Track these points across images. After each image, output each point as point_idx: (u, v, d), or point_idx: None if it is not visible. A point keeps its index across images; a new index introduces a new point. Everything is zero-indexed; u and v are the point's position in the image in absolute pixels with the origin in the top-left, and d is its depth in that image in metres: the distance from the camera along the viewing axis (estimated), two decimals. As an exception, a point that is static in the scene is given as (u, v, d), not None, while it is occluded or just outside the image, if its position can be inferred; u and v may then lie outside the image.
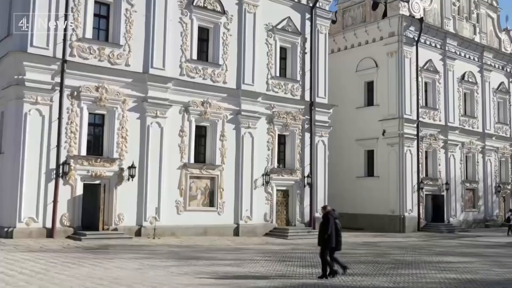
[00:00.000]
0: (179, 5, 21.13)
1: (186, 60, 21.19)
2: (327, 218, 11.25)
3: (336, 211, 11.85)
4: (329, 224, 11.08)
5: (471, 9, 34.92)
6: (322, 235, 11.13)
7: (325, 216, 11.36)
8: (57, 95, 17.92)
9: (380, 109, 29.85)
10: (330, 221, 11.17)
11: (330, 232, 11.01)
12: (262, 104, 23.11)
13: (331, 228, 11.06)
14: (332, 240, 11.07)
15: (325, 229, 11.08)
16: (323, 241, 11.10)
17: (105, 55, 19.13)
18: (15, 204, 16.94)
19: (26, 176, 17.12)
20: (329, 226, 11.05)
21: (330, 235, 11.03)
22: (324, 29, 25.74)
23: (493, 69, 35.66)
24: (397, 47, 29.37)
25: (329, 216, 11.28)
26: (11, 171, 17.21)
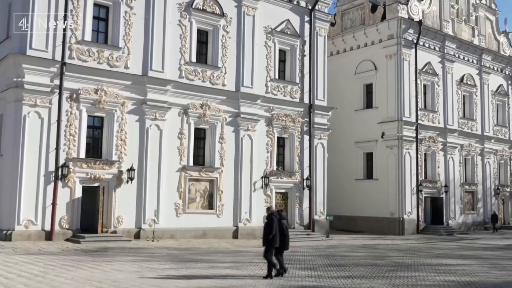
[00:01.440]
0: (178, 7, 21.15)
1: (185, 62, 21.20)
2: (271, 219, 11.56)
3: (284, 212, 12.23)
4: (273, 225, 11.40)
5: (470, 12, 35.00)
6: (266, 235, 11.45)
7: (269, 217, 11.68)
8: (56, 97, 17.93)
9: (379, 112, 29.87)
10: (274, 222, 11.48)
11: (274, 233, 11.32)
12: (261, 106, 23.12)
13: (275, 229, 11.38)
14: (276, 240, 11.37)
15: (270, 230, 11.40)
16: (267, 241, 11.41)
17: (104, 57, 19.15)
18: (14, 207, 16.93)
19: (25, 178, 17.11)
20: (273, 227, 11.36)
21: (274, 236, 11.34)
22: (323, 31, 25.77)
23: (492, 72, 35.72)
24: (396, 49, 29.42)
25: (273, 217, 11.58)
26: (10, 173, 17.20)
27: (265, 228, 11.60)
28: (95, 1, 19.26)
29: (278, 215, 11.74)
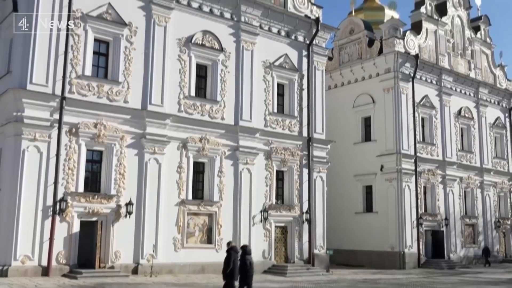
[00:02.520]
0: (178, 42, 21.41)
1: (184, 96, 21.33)
2: (229, 254, 12.16)
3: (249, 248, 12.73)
4: (230, 259, 11.99)
5: (466, 46, 35.46)
6: (224, 270, 12.04)
7: (228, 252, 12.24)
8: (55, 131, 17.95)
9: (377, 145, 29.93)
10: (232, 256, 12.09)
11: (231, 267, 11.90)
12: (260, 140, 23.16)
13: (233, 263, 11.96)
14: (234, 275, 11.95)
15: (227, 264, 11.98)
16: (225, 276, 12.01)
17: (104, 92, 19.27)
18: (11, 242, 16.74)
19: (23, 213, 16.98)
20: (230, 262, 11.94)
21: (232, 270, 11.91)
22: (321, 65, 26.03)
23: (489, 104, 35.96)
24: (393, 83, 29.68)
25: (231, 252, 12.18)
26: (8, 208, 17.07)
27: (224, 263, 12.13)
28: (96, 37, 19.50)
29: (241, 250, 12.15)
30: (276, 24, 24.56)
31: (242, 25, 23.23)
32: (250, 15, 23.46)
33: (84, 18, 19.03)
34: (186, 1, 21.77)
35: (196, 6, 22.08)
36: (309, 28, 25.53)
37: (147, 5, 20.65)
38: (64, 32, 18.48)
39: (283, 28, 24.81)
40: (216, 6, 22.60)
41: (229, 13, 23.02)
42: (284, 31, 24.87)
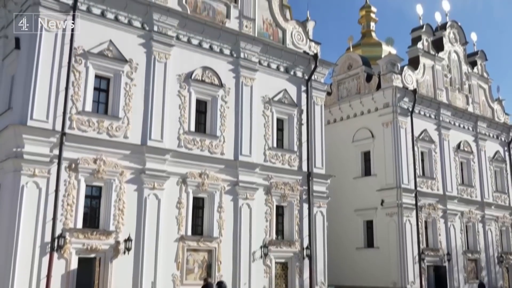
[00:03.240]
0: (178, 78, 21.61)
1: (184, 132, 21.40)
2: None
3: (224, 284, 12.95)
4: None
5: (463, 80, 35.81)
6: None
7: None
8: (55, 167, 17.92)
9: (377, 179, 29.88)
10: None
11: None
12: (259, 175, 23.12)
13: None
14: None
15: None
16: None
17: (104, 127, 19.33)
18: (8, 281, 16.46)
19: (20, 250, 16.77)
20: None
21: None
22: (319, 100, 26.20)
23: (488, 138, 36.06)
24: (392, 117, 29.84)
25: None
26: (5, 245, 16.87)
27: None
28: (97, 73, 19.69)
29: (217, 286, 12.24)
30: (275, 60, 24.84)
31: (242, 61, 23.51)
32: (249, 52, 23.76)
33: (85, 55, 19.26)
34: (186, 38, 22.08)
35: (196, 43, 22.38)
36: (307, 63, 25.83)
37: (147, 42, 20.94)
38: (65, 68, 18.67)
39: (282, 64, 25.09)
40: (216, 43, 22.91)
41: (228, 49, 23.32)
42: (283, 66, 25.15)
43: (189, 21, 21.95)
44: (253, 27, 24.34)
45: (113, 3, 20.05)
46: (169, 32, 21.39)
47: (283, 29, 25.65)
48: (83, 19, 19.33)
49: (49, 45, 18.44)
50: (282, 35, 25.60)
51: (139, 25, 20.83)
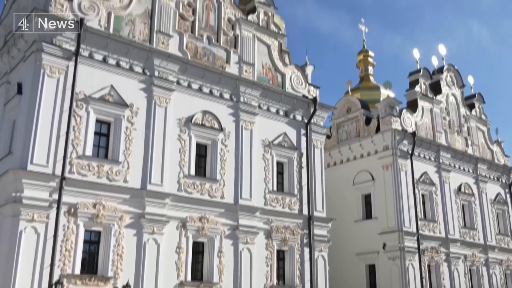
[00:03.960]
0: (178, 122, 21.75)
1: (184, 176, 21.37)
2: None
3: None
4: None
5: (462, 123, 36.02)
6: None
7: None
8: (54, 212, 17.78)
9: (379, 222, 29.63)
10: None
11: None
12: (260, 219, 22.94)
13: None
14: None
15: None
16: None
17: (104, 171, 19.32)
18: (3, 328, 16.16)
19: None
20: None
21: None
22: (319, 144, 26.28)
23: (489, 181, 35.95)
24: (392, 160, 29.85)
25: None
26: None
27: None
28: (98, 118, 19.83)
29: None
30: (274, 104, 25.06)
31: (241, 105, 23.71)
32: (249, 96, 24.00)
33: (86, 100, 19.45)
34: (186, 82, 22.35)
35: (197, 88, 22.63)
36: (307, 107, 26.05)
37: (148, 87, 21.18)
38: (67, 113, 18.81)
39: (282, 108, 25.30)
40: (216, 87, 23.16)
41: (228, 93, 23.57)
42: (283, 110, 25.35)
43: (189, 66, 22.27)
44: (252, 71, 24.68)
45: (115, 49, 20.39)
46: (170, 77, 21.68)
47: (282, 74, 26.00)
48: (85, 65, 19.63)
49: (51, 90, 18.64)
50: (282, 79, 25.93)
51: (140, 70, 21.13)
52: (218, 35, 24.07)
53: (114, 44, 20.33)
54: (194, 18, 23.43)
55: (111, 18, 20.80)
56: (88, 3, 20.28)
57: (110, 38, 20.19)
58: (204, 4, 24.10)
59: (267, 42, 25.95)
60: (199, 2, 23.83)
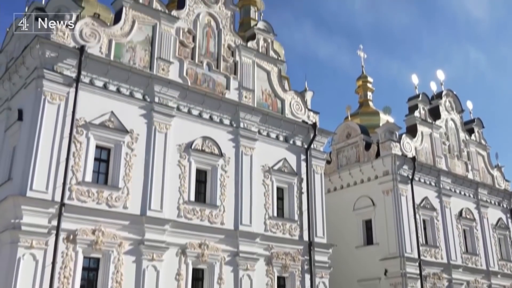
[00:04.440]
0: (178, 148, 21.77)
1: (184, 201, 21.29)
2: None
3: None
4: None
5: (461, 148, 36.03)
6: None
7: None
8: (52, 238, 17.66)
9: (380, 248, 29.40)
10: None
11: None
12: (260, 245, 22.78)
13: None
14: None
15: None
16: None
17: (104, 197, 19.26)
18: None
19: (14, 325, 16.28)
20: None
21: None
22: (319, 169, 26.25)
23: (490, 205, 35.80)
24: (393, 185, 29.78)
25: None
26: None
27: None
28: (98, 144, 19.85)
29: None
30: (274, 130, 25.13)
31: (241, 131, 23.77)
32: (249, 121, 24.07)
33: (87, 126, 19.51)
34: (186, 108, 22.44)
35: (197, 114, 22.71)
36: (306, 133, 26.11)
37: (148, 113, 21.26)
38: (67, 139, 18.85)
39: (281, 133, 25.35)
40: (216, 113, 23.25)
41: (228, 119, 23.64)
42: (283, 136, 25.40)
43: (189, 92, 22.40)
44: (252, 97, 24.82)
45: (116, 76, 20.54)
46: (170, 103, 21.78)
47: (282, 99, 26.13)
48: (85, 91, 19.75)
49: (51, 116, 18.71)
50: (281, 105, 26.05)
51: (141, 97, 21.24)
52: (218, 62, 24.29)
53: (115, 71, 20.50)
54: (194, 45, 23.68)
55: (112, 45, 21.01)
56: (90, 30, 20.52)
57: (111, 65, 20.37)
58: (204, 31, 24.39)
59: (267, 68, 26.17)
60: (199, 29, 24.12)
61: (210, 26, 24.68)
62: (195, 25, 24.02)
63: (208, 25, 24.64)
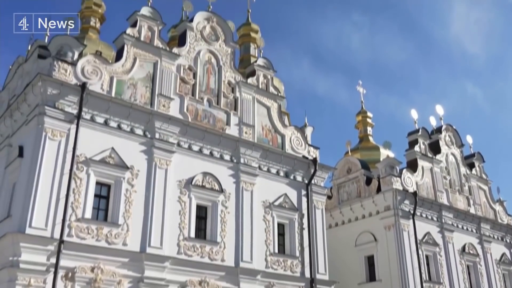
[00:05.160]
0: (178, 184, 21.71)
1: (184, 238, 21.10)
2: None
3: None
4: None
5: (463, 182, 35.92)
6: None
7: None
8: (51, 276, 17.41)
9: (383, 285, 28.98)
10: None
11: None
12: (261, 282, 22.45)
13: None
14: None
15: None
16: None
17: (103, 234, 19.09)
18: None
19: None
20: None
21: None
22: (320, 204, 26.11)
23: (493, 240, 35.45)
24: (394, 220, 29.57)
25: None
26: None
27: None
28: (98, 180, 19.82)
29: None
30: (275, 165, 25.11)
31: (242, 166, 23.76)
32: (249, 157, 24.09)
33: (87, 162, 19.51)
34: (187, 144, 22.49)
35: (197, 149, 22.75)
36: (307, 168, 26.08)
37: (149, 149, 21.29)
38: (67, 176, 18.82)
39: (282, 169, 25.32)
40: (216, 149, 23.29)
41: (229, 155, 23.66)
42: (283, 171, 25.37)
43: (190, 128, 22.49)
44: (252, 133, 24.90)
45: (117, 112, 20.67)
46: (170, 139, 21.84)
47: (282, 135, 26.21)
48: (86, 128, 19.84)
49: (52, 153, 18.74)
50: (281, 141, 26.10)
51: (141, 133, 21.32)
52: (219, 98, 24.47)
53: (116, 107, 20.64)
54: (194, 82, 23.91)
55: (113, 82, 21.22)
56: (91, 67, 20.76)
57: (112, 102, 20.53)
58: (205, 68, 24.67)
59: (267, 104, 26.35)
60: (200, 66, 24.39)
61: (210, 63, 24.98)
62: (196, 62, 24.31)
63: (209, 62, 24.94)
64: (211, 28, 25.62)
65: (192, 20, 25.20)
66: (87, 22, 29.92)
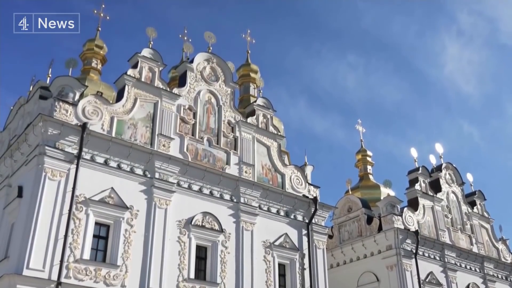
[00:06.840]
0: (178, 224, 21.54)
1: (183, 279, 20.79)
2: None
3: None
4: None
5: (464, 221, 35.63)
6: None
7: None
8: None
9: (386, 327, 28.40)
10: None
11: None
12: (262, 324, 22.03)
13: None
14: None
15: None
16: None
17: (101, 276, 18.83)
18: None
19: None
20: None
21: None
22: (321, 244, 25.84)
23: (497, 280, 34.89)
24: (396, 260, 29.20)
25: None
26: None
27: None
28: (97, 220, 19.67)
29: None
30: (275, 204, 24.98)
31: (242, 206, 23.63)
32: (250, 196, 23.99)
33: (86, 203, 19.41)
34: (187, 184, 22.43)
35: (197, 189, 22.68)
36: (307, 207, 25.93)
37: (149, 189, 21.23)
38: (66, 216, 18.69)
39: (282, 208, 25.18)
40: (216, 189, 23.21)
41: (229, 194, 23.57)
42: (283, 210, 25.22)
43: (190, 168, 22.48)
44: (252, 172, 24.88)
45: (117, 152, 20.71)
46: (170, 178, 21.81)
47: (282, 174, 26.17)
48: (86, 167, 19.84)
49: (51, 193, 18.68)
50: (282, 180, 26.04)
51: (141, 173, 21.30)
52: (219, 137, 24.56)
53: (116, 147, 20.70)
54: (194, 121, 24.05)
55: (114, 122, 21.34)
56: (92, 108, 20.92)
57: (112, 142, 20.60)
58: (205, 108, 24.86)
59: (267, 143, 26.43)
60: (200, 106, 24.59)
61: (210, 103, 25.19)
62: (196, 102, 24.53)
63: (209, 102, 25.16)
64: (211, 69, 25.96)
65: (192, 61, 25.55)
66: (88, 63, 30.36)
